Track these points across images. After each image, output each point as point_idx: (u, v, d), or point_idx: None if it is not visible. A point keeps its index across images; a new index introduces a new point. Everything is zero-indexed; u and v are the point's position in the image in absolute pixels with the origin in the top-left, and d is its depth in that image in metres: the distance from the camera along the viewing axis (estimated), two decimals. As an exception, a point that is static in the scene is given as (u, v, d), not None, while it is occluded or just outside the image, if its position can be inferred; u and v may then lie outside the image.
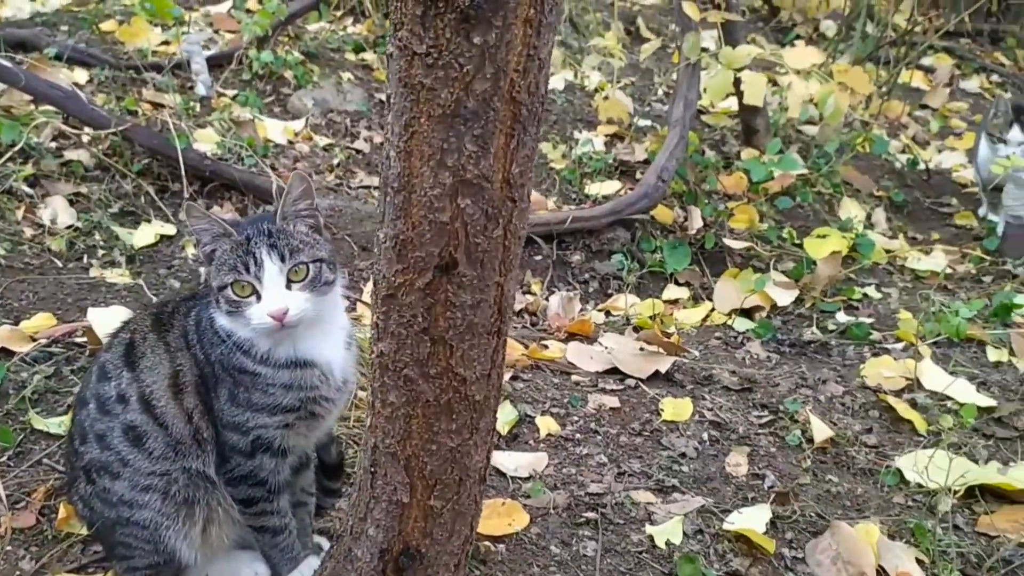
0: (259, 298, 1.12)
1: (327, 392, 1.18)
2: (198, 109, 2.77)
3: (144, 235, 2.27)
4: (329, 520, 1.47)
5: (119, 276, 2.11)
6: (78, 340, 1.85)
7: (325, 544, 1.35)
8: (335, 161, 2.66)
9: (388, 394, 0.96)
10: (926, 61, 4.78)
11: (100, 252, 2.22)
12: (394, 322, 0.90)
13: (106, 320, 1.69)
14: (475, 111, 0.73)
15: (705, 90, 2.76)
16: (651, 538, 1.50)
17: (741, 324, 2.37)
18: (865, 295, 2.54)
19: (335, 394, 1.20)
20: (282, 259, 1.12)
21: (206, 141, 2.56)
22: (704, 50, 2.89)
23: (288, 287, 1.13)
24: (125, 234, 2.25)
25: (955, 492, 1.65)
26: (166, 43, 3.24)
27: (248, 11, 3.49)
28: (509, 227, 0.83)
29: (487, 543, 1.43)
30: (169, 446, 1.16)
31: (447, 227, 0.81)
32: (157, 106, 2.77)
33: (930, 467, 1.69)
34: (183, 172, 2.31)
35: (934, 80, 4.56)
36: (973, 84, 4.72)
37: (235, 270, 1.12)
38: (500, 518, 1.49)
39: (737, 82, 2.57)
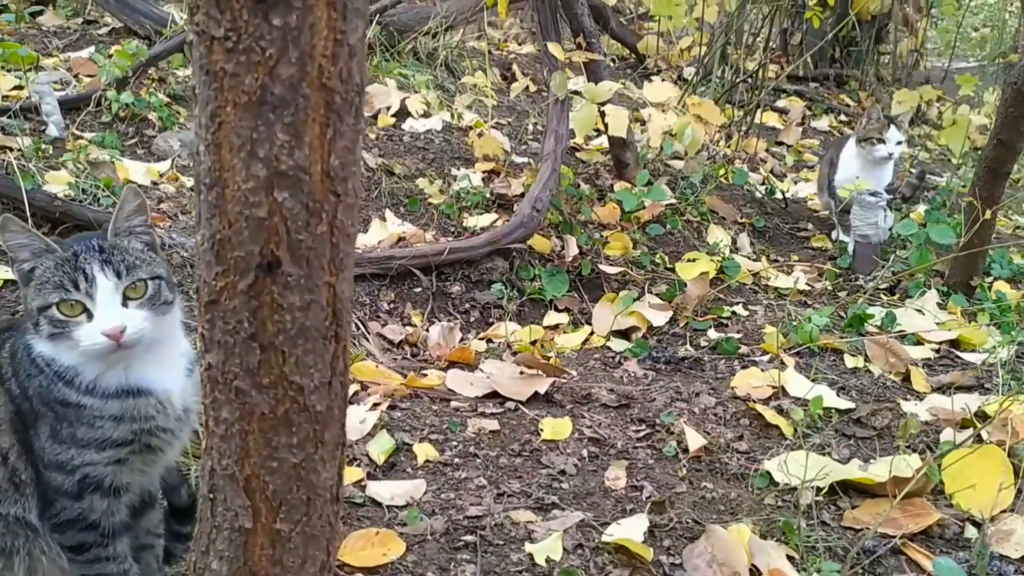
0: (91, 317, 1.04)
1: (165, 422, 1.10)
2: (50, 151, 2.63)
3: (-15, 281, 2.10)
4: (183, 565, 1.37)
5: (-48, 327, 1.93)
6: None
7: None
8: (202, 202, 2.57)
9: (221, 410, 0.90)
10: (780, 103, 5.16)
11: (-68, 302, 2.03)
12: (219, 330, 0.85)
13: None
14: (283, 98, 0.72)
15: (573, 128, 2.87)
16: (531, 556, 1.48)
17: (619, 345, 2.42)
18: (733, 313, 2.65)
19: (175, 424, 1.12)
20: (118, 275, 1.06)
21: (58, 183, 2.42)
22: (575, 94, 3.00)
23: (124, 305, 1.06)
24: (-38, 281, 2.07)
25: (820, 489, 1.72)
26: (19, 87, 3.08)
27: (110, 56, 3.37)
28: (335, 223, 0.81)
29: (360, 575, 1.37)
30: None
31: (265, 223, 0.78)
32: (5, 149, 2.60)
33: (794, 466, 1.76)
34: (28, 213, 2.16)
35: (788, 120, 4.91)
36: (823, 123, 5.13)
37: (62, 288, 1.04)
38: (374, 548, 1.43)
39: (603, 116, 2.68)
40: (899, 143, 3.06)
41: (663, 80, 4.46)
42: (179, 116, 3.06)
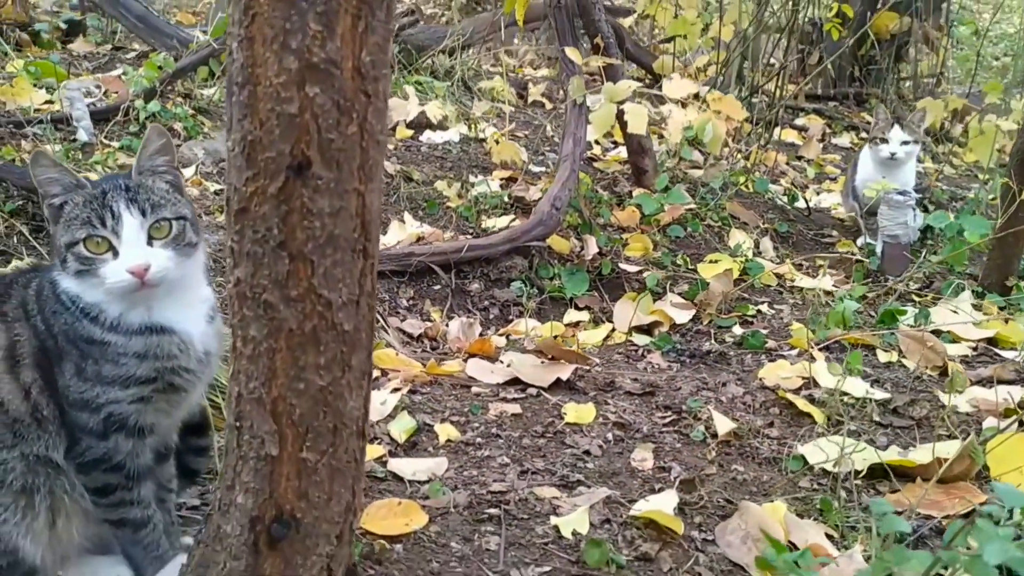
0: (116, 255, 1.04)
1: (187, 362, 1.10)
2: (80, 156, 2.67)
3: (13, 274, 2.13)
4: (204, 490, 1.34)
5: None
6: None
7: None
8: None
9: (249, 328, 0.89)
10: (799, 122, 5.16)
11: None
12: (248, 240, 0.84)
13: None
14: (317, -16, 0.72)
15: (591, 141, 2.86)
16: (557, 529, 1.43)
17: (642, 340, 2.38)
18: (759, 311, 2.61)
19: (196, 365, 1.11)
20: (143, 213, 1.06)
21: (86, 185, 2.46)
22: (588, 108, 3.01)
23: (149, 244, 1.06)
24: (-8, 274, 2.10)
25: (859, 472, 1.67)
26: (49, 102, 3.15)
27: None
28: (365, 125, 0.81)
29: (382, 542, 1.33)
30: (6, 427, 1.04)
31: (297, 120, 0.78)
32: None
33: (830, 449, 1.71)
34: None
35: (807, 136, 4.90)
36: (844, 140, 5.10)
37: (89, 224, 1.04)
38: (396, 518, 1.39)
39: (620, 116, 2.69)
40: (904, 143, 3.02)
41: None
42: (203, 127, 3.11)
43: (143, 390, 1.07)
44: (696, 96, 2.85)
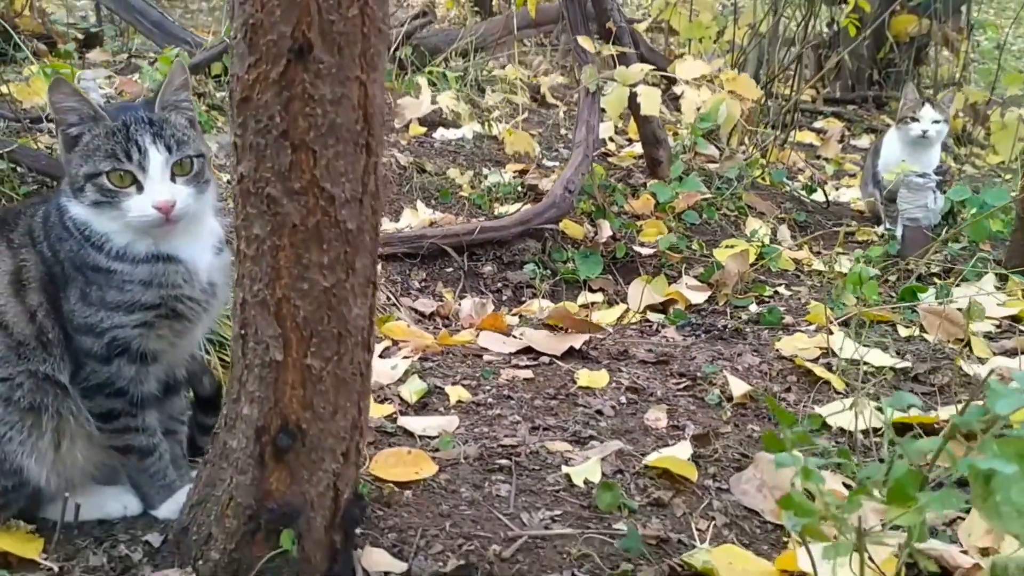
0: (141, 189, 1.05)
1: (191, 292, 1.10)
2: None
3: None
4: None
5: None
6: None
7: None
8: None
9: (252, 226, 0.89)
10: (818, 124, 5.13)
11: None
12: (251, 132, 0.85)
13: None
14: None
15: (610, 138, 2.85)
16: (568, 477, 1.41)
17: (656, 318, 2.36)
18: (776, 292, 2.58)
19: (201, 295, 1.12)
20: (168, 150, 1.07)
21: (102, 172, 2.49)
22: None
23: (172, 180, 1.07)
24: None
25: (877, 430, 1.63)
26: (65, 103, 3.22)
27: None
28: (366, 9, 0.81)
29: (391, 486, 1.31)
30: (10, 348, 1.05)
31: (298, 1, 0.78)
32: (53, 148, 2.70)
33: (847, 415, 1.67)
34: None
35: (826, 137, 4.87)
36: (863, 142, 5.07)
37: (114, 157, 1.05)
38: (406, 467, 1.38)
39: (632, 100, 2.69)
40: (936, 122, 2.99)
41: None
42: (217, 121, 3.16)
43: (146, 316, 1.07)
44: (710, 81, 2.85)
